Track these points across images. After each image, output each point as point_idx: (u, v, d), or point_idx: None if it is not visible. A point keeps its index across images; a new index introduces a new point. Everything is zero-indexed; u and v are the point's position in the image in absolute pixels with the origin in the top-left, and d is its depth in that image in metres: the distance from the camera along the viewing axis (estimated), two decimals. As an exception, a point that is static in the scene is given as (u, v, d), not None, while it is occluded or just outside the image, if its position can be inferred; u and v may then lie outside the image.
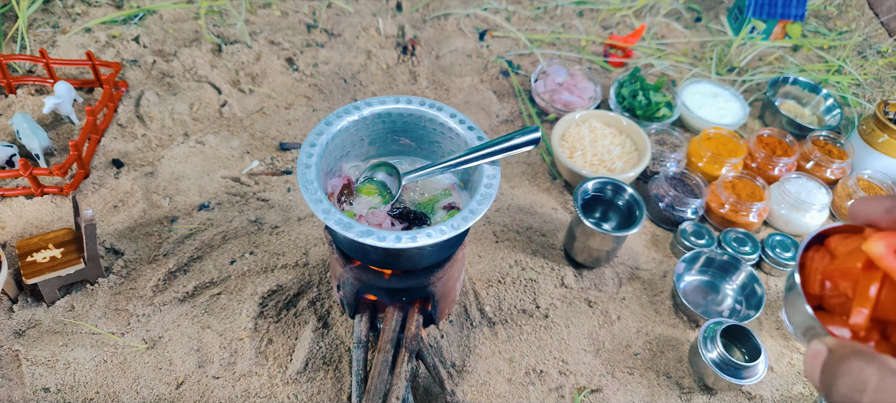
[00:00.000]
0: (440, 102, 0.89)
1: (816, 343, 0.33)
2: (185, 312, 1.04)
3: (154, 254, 1.10)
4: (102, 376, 0.96)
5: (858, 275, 0.36)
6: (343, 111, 0.88)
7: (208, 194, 1.19)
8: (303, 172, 0.79)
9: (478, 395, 1.01)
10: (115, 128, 1.27)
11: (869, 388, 0.28)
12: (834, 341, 0.33)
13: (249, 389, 0.97)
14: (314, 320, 1.05)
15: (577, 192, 1.11)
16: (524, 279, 1.16)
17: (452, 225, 0.76)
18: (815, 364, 0.32)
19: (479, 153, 0.84)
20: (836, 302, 0.38)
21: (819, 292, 0.39)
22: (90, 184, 1.18)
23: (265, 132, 1.31)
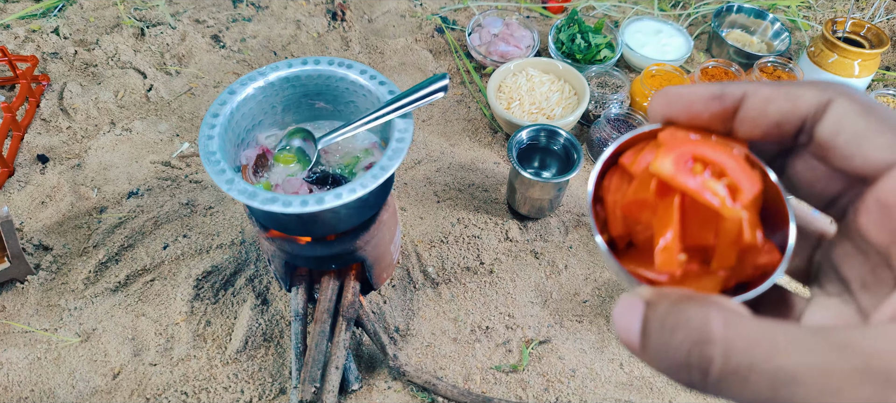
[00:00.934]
0: (349, 60, 0.86)
1: (626, 298, 0.26)
2: (118, 302, 1.02)
3: (84, 247, 1.07)
4: (37, 374, 0.94)
5: (655, 202, 0.28)
6: (248, 78, 0.84)
7: (137, 181, 1.16)
8: (205, 143, 0.77)
9: (423, 358, 1.00)
10: (39, 123, 1.23)
11: (716, 338, 0.23)
12: (651, 290, 0.26)
13: (188, 373, 0.95)
14: (253, 297, 1.03)
15: (512, 143, 1.09)
16: (467, 236, 1.14)
17: (362, 183, 0.74)
18: (630, 325, 0.25)
19: (390, 107, 0.81)
20: (646, 239, 0.29)
21: (623, 230, 0.30)
22: (15, 182, 1.15)
23: (195, 113, 1.28)
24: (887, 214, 0.26)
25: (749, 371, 0.22)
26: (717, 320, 0.23)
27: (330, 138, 0.86)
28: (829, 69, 1.34)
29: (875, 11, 1.58)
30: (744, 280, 0.28)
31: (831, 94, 0.27)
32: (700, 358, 0.23)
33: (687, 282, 0.28)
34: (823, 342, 0.22)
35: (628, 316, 0.25)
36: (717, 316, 0.23)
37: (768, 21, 1.52)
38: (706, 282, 0.28)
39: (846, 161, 0.26)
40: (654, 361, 0.25)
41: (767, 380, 0.22)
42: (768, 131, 0.28)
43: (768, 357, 0.22)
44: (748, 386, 0.22)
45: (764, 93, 0.28)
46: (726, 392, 0.23)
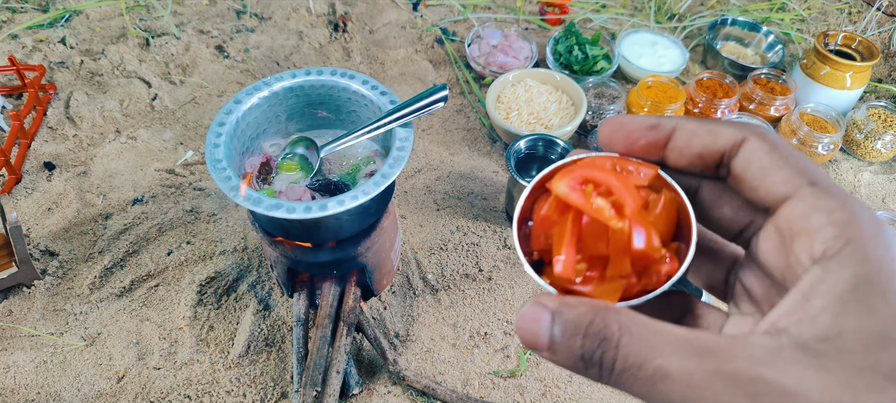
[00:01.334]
0: (351, 70, 0.89)
1: (530, 306, 0.29)
2: (122, 307, 1.03)
3: (89, 252, 1.09)
4: (43, 376, 0.96)
5: (556, 220, 0.32)
6: (253, 88, 0.87)
7: (142, 188, 1.18)
8: (211, 151, 0.79)
9: (422, 363, 1.02)
10: (46, 131, 1.26)
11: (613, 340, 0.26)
12: (555, 299, 0.28)
13: (191, 377, 0.97)
14: (255, 303, 1.05)
15: (510, 152, 1.11)
16: (466, 244, 1.16)
17: (364, 190, 0.76)
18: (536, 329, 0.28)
19: (390, 117, 0.83)
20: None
21: (545, 245, 0.34)
22: (22, 188, 1.17)
23: (198, 122, 1.30)
24: (781, 240, 0.29)
25: (639, 368, 0.26)
26: (614, 325, 0.27)
27: (332, 147, 0.88)
28: (822, 81, 1.37)
29: (867, 25, 1.61)
30: (652, 287, 0.31)
31: (746, 133, 0.30)
32: (602, 357, 0.27)
33: (591, 289, 0.31)
34: (692, 346, 0.26)
35: (533, 323, 0.28)
36: (614, 321, 0.27)
37: (762, 34, 1.55)
38: (607, 289, 0.31)
39: (753, 192, 0.30)
40: (560, 360, 0.28)
41: (649, 376, 0.25)
42: (692, 161, 0.32)
43: (652, 357, 0.25)
44: (637, 381, 0.26)
45: (690, 128, 0.31)
46: (621, 385, 0.27)
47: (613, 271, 0.31)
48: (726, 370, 0.25)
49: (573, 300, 0.28)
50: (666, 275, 0.31)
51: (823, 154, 1.32)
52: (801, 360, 0.25)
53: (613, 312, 0.27)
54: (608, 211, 0.31)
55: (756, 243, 0.31)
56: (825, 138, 1.28)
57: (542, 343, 0.28)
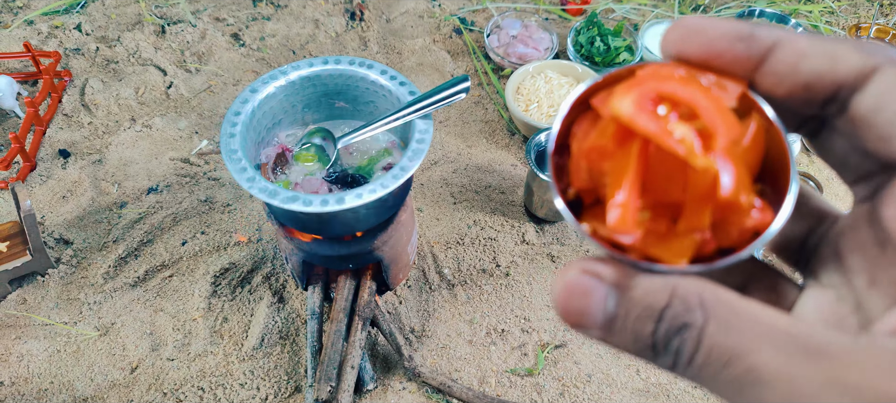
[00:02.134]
0: (369, 60, 0.86)
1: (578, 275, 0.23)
2: (136, 297, 1.02)
3: (104, 241, 1.08)
4: (56, 366, 0.95)
5: (614, 150, 0.24)
6: (269, 77, 0.85)
7: (157, 177, 1.17)
8: (226, 142, 0.77)
9: (438, 359, 1.00)
10: (61, 118, 1.25)
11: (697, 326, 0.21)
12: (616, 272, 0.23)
13: (205, 368, 0.96)
14: (269, 295, 1.03)
15: (530, 145, 1.09)
16: (483, 238, 1.14)
17: (382, 183, 0.74)
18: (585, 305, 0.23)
19: (410, 108, 0.81)
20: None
21: (589, 183, 0.25)
22: (37, 176, 1.16)
23: (213, 110, 1.29)
24: None
25: (725, 365, 0.20)
26: (698, 309, 0.21)
27: (350, 138, 0.86)
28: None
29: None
30: (728, 246, 0.24)
31: (879, 60, 0.22)
32: (679, 346, 0.21)
33: (652, 245, 0.24)
34: (797, 343, 0.20)
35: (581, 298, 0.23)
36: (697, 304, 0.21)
37: (790, 26, 1.50)
38: (675, 246, 0.23)
39: (883, 143, 0.22)
40: (619, 343, 0.23)
41: (738, 377, 0.20)
42: (794, 91, 0.23)
43: (743, 352, 0.20)
44: (720, 381, 0.21)
45: (799, 46, 0.23)
46: (699, 381, 0.22)
47: (688, 224, 0.23)
48: (849, 381, 0.19)
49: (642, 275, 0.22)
50: (751, 231, 0.23)
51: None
52: None
53: (695, 291, 0.21)
54: (693, 144, 0.22)
55: (877, 205, 0.24)
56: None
57: (593, 322, 0.23)
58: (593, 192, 0.25)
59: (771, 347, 0.20)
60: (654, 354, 0.22)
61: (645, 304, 0.22)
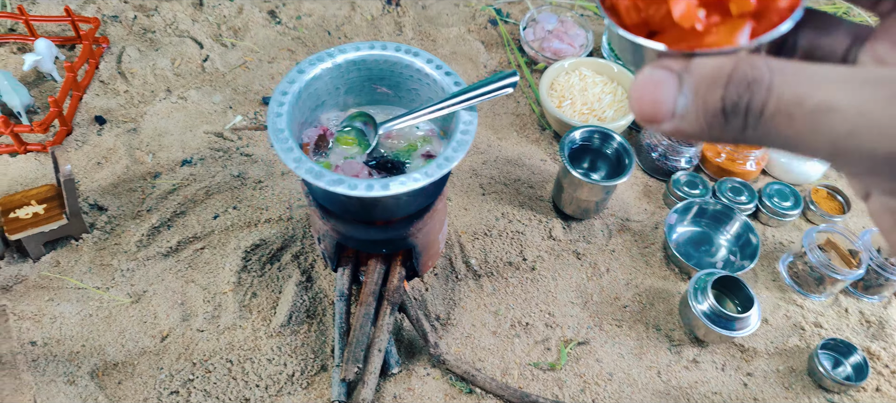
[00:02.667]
0: (416, 48, 0.87)
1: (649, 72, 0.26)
2: (168, 267, 1.04)
3: (137, 210, 1.09)
4: (88, 330, 0.97)
5: None
6: (316, 58, 0.85)
7: (191, 150, 1.18)
8: (273, 121, 0.78)
9: (462, 348, 1.01)
10: (97, 84, 1.26)
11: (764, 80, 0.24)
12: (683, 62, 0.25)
13: (234, 342, 0.97)
14: (298, 274, 1.05)
15: (564, 142, 1.09)
16: (511, 231, 1.14)
17: (426, 172, 0.74)
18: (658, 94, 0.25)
19: (456, 99, 0.81)
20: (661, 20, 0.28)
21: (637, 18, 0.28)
22: (73, 140, 1.17)
23: (248, 86, 1.29)
24: None
25: (798, 105, 0.23)
26: (764, 66, 0.24)
27: (392, 124, 0.86)
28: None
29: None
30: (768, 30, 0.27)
31: None
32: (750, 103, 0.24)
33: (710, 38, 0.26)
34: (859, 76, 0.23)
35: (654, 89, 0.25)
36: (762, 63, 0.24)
37: None
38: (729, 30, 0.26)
39: None
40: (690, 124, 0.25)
41: (811, 111, 0.23)
42: None
43: (813, 91, 0.23)
44: (795, 120, 0.23)
45: None
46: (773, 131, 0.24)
47: (738, 7, 0.26)
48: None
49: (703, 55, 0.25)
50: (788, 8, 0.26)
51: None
52: None
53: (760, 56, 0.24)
54: None
55: None
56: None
57: (666, 110, 0.25)
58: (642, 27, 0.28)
59: (838, 83, 0.23)
60: (725, 119, 0.24)
61: (713, 75, 0.24)
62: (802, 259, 1.11)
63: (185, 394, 0.91)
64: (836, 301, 1.14)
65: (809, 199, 1.22)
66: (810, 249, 1.08)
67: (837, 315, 1.12)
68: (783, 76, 0.23)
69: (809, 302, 1.13)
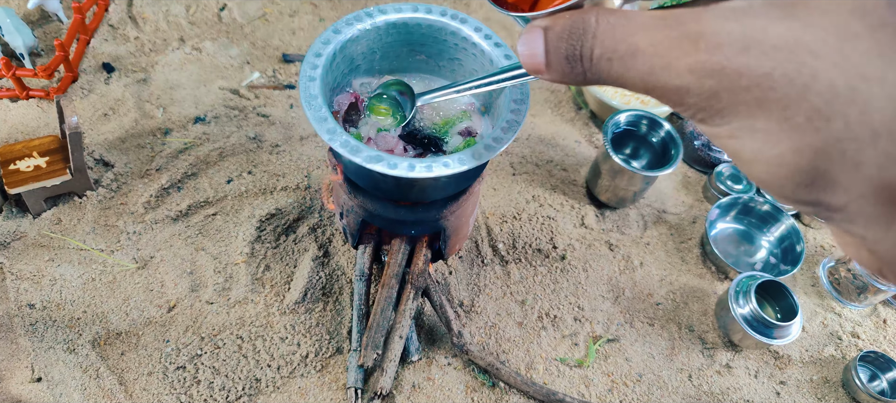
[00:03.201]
0: (464, 13, 0.78)
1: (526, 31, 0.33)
2: (178, 232, 0.97)
3: (146, 168, 1.02)
4: (90, 294, 0.91)
5: None
6: (353, 18, 0.77)
7: (205, 106, 1.10)
8: (306, 85, 0.70)
9: (486, 338, 0.95)
10: (106, 28, 1.17)
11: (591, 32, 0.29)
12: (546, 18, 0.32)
13: (244, 317, 0.91)
14: (314, 248, 0.98)
15: (607, 125, 1.01)
16: (541, 216, 1.08)
17: (474, 154, 0.67)
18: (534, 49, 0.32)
19: (507, 74, 0.73)
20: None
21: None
22: (79, 88, 1.09)
23: (267, 41, 1.20)
24: None
25: (614, 50, 0.28)
26: (592, 17, 0.29)
27: (433, 96, 0.78)
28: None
29: None
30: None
31: None
32: (581, 50, 0.30)
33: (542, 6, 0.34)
34: (663, 20, 0.27)
35: (531, 44, 0.32)
36: (592, 15, 0.29)
37: None
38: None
39: None
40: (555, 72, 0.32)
41: (623, 55, 0.28)
42: None
43: (625, 37, 0.28)
44: (613, 64, 0.29)
45: None
46: (602, 73, 0.30)
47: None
48: (692, 31, 0.26)
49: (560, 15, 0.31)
50: None
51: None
52: (768, 12, 0.25)
53: (592, 10, 0.30)
54: None
55: None
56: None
57: (541, 62, 0.32)
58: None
59: (645, 27, 0.28)
60: (571, 68, 0.31)
61: (559, 30, 0.31)
62: (846, 264, 1.05)
63: (192, 370, 0.86)
64: (874, 311, 1.09)
65: (855, 202, 1.16)
66: (858, 257, 1.02)
67: (875, 326, 1.07)
68: (606, 26, 0.29)
69: (848, 310, 1.07)
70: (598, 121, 1.23)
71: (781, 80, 0.24)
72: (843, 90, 0.23)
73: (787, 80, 0.24)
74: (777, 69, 0.24)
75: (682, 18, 0.27)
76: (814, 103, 0.24)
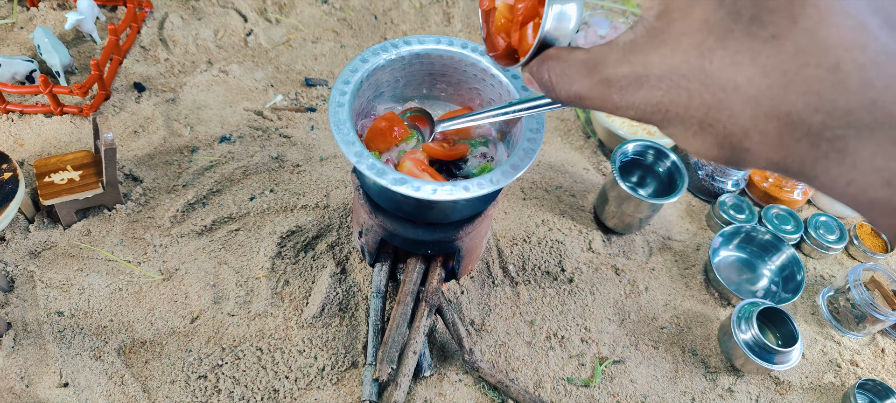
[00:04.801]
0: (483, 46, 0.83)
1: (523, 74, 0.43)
2: (202, 246, 1.01)
3: (173, 184, 1.06)
4: (117, 304, 0.95)
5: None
6: (380, 48, 0.82)
7: (230, 126, 1.15)
8: (335, 111, 0.75)
9: (496, 356, 0.98)
10: (138, 50, 1.22)
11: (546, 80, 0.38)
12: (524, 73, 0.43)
13: (264, 329, 0.95)
14: (332, 264, 1.02)
15: (616, 154, 1.06)
16: (550, 240, 1.11)
17: (492, 180, 0.72)
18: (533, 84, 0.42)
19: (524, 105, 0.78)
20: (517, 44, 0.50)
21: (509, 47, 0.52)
22: (110, 106, 1.14)
23: (290, 66, 1.26)
24: None
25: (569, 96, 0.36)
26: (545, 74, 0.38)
27: (451, 124, 0.83)
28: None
29: None
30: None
31: None
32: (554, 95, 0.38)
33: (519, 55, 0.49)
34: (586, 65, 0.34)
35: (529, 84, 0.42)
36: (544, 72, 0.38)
37: None
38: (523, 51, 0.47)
39: None
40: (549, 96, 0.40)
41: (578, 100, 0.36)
42: None
43: (570, 87, 0.36)
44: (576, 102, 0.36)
45: None
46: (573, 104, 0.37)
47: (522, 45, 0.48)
48: (603, 77, 0.33)
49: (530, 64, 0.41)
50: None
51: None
52: (647, 44, 0.30)
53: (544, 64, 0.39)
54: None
55: None
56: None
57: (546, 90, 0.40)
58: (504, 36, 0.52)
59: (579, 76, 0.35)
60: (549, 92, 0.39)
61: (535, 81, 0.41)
62: (845, 294, 1.09)
63: (213, 380, 0.89)
64: (873, 340, 1.12)
65: (854, 234, 1.19)
66: (855, 286, 1.05)
67: (874, 355, 1.10)
68: (555, 78, 0.37)
69: (847, 339, 1.10)
70: (606, 149, 1.27)
71: (671, 105, 0.30)
72: (712, 102, 0.28)
73: (673, 104, 0.30)
74: (665, 97, 0.30)
75: (597, 62, 0.33)
76: (697, 117, 0.29)
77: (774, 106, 0.27)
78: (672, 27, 0.29)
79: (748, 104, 0.27)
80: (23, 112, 1.10)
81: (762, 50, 0.27)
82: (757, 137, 0.28)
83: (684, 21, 0.29)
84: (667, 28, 0.29)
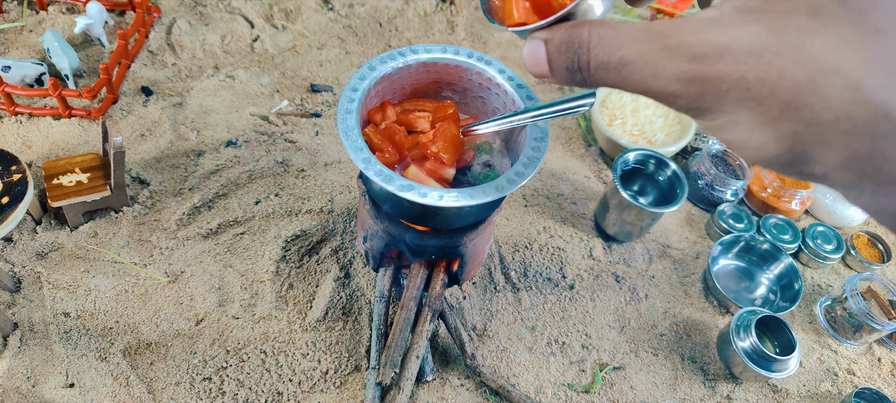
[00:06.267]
0: (489, 55, 0.85)
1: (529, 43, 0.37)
2: (207, 249, 1.02)
3: (179, 187, 1.08)
4: (123, 306, 0.95)
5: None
6: (387, 56, 0.83)
7: (236, 131, 1.16)
8: (343, 118, 0.76)
9: (497, 361, 1.00)
10: (146, 54, 1.24)
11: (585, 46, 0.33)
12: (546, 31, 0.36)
13: (268, 332, 0.96)
14: (336, 269, 1.03)
15: (617, 163, 1.07)
16: (552, 247, 1.13)
17: (497, 187, 0.73)
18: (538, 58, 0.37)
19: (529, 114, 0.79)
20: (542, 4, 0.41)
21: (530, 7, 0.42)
22: (118, 109, 1.15)
23: (296, 71, 1.27)
24: None
25: (608, 62, 0.32)
26: (585, 33, 0.33)
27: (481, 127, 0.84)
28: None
29: None
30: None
31: None
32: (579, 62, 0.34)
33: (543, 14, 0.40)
34: (647, 32, 0.31)
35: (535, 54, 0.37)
36: (585, 30, 0.34)
37: None
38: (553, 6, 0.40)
39: None
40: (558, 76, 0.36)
41: (616, 67, 0.32)
42: None
43: (616, 50, 0.32)
44: (609, 73, 0.33)
45: None
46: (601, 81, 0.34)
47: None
48: (672, 43, 0.30)
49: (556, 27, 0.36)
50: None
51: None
52: (737, 20, 0.29)
53: (584, 24, 0.34)
54: None
55: None
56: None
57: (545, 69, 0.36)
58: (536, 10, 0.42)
59: (632, 41, 0.32)
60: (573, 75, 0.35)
61: (557, 42, 0.35)
62: (842, 303, 1.10)
63: (217, 382, 0.90)
64: (869, 349, 1.13)
65: (851, 244, 1.21)
66: (852, 295, 1.06)
67: (870, 364, 1.11)
68: (598, 39, 0.33)
69: (844, 348, 1.12)
70: (606, 157, 1.29)
71: (754, 81, 0.29)
72: (806, 84, 0.28)
73: (758, 81, 0.29)
74: (750, 72, 0.29)
75: (663, 30, 0.31)
76: (783, 98, 0.28)
77: (874, 95, 0.27)
78: (773, 6, 0.29)
79: (847, 89, 0.27)
80: (32, 114, 1.11)
81: (866, 41, 0.27)
82: (847, 125, 0.27)
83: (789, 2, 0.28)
84: (766, 8, 0.29)
